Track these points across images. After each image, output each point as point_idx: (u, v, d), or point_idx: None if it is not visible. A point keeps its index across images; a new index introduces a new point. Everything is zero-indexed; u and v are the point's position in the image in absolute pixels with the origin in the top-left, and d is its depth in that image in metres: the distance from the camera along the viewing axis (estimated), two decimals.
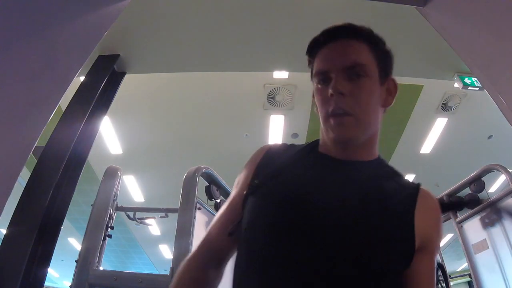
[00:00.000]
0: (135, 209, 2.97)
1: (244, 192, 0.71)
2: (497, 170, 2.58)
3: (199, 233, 2.19)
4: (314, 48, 0.74)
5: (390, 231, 0.61)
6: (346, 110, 0.66)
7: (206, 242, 0.75)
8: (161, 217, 3.02)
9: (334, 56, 0.70)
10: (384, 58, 0.74)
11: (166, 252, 9.05)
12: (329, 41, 0.72)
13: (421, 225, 0.63)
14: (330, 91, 0.67)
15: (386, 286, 0.59)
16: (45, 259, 1.76)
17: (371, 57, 0.71)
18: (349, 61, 0.69)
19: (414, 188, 0.69)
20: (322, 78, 0.71)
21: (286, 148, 0.79)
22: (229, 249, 0.72)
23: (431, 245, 0.65)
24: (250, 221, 0.66)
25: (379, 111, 0.73)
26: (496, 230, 2.49)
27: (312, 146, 0.77)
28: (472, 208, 2.72)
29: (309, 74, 0.77)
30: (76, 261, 2.08)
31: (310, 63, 0.76)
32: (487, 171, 2.66)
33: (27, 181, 1.83)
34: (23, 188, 1.80)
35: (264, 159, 0.76)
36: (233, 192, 0.78)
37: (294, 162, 0.72)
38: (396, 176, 0.73)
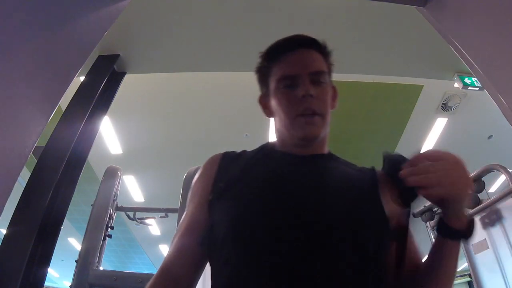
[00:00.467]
0: (135, 209, 2.98)
1: (210, 198, 0.70)
2: (497, 170, 2.58)
3: None
4: (275, 54, 0.80)
5: (370, 208, 0.67)
6: (315, 111, 0.74)
7: (163, 273, 0.68)
8: (161, 217, 3.03)
9: (301, 62, 0.78)
10: (331, 68, 0.84)
11: (166, 252, 9.04)
12: (292, 49, 0.79)
13: (387, 200, 0.69)
14: (301, 93, 0.73)
15: (375, 261, 0.62)
16: (45, 259, 1.76)
17: (326, 66, 0.81)
18: (315, 68, 0.77)
19: (372, 171, 0.76)
20: (290, 82, 0.76)
21: (240, 153, 0.82)
22: (193, 274, 0.68)
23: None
24: (234, 224, 0.64)
25: (330, 113, 0.81)
26: (496, 230, 2.49)
27: (269, 148, 0.83)
28: (472, 208, 2.72)
29: None
30: (76, 261, 2.08)
31: (263, 68, 0.82)
32: (487, 171, 2.66)
33: (27, 181, 1.83)
34: (23, 188, 1.80)
35: (222, 164, 0.78)
36: (191, 206, 0.75)
37: (258, 162, 0.76)
38: (350, 164, 0.81)
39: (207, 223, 0.68)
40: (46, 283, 1.82)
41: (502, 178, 4.67)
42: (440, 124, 4.78)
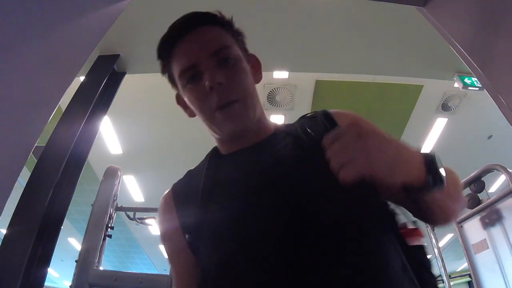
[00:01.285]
0: (135, 209, 2.97)
1: (187, 239, 0.65)
2: (497, 170, 2.58)
3: None
4: (166, 48, 0.68)
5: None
6: (231, 99, 0.62)
7: None
8: None
9: (196, 46, 0.64)
10: (239, 37, 0.71)
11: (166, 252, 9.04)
12: (182, 35, 0.66)
13: None
14: (208, 84, 0.61)
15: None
16: (45, 259, 1.76)
17: (230, 38, 0.68)
18: (213, 47, 0.64)
19: (327, 115, 0.66)
20: (191, 74, 0.64)
21: (187, 177, 0.74)
22: None
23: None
24: (212, 269, 0.59)
25: (255, 89, 0.69)
26: (496, 230, 2.49)
27: (212, 156, 0.73)
28: (472, 208, 2.72)
29: (307, 74, 0.73)
30: (76, 261, 2.08)
31: (166, 67, 0.70)
32: (487, 171, 2.66)
33: (27, 181, 1.83)
34: (23, 188, 1.80)
35: (177, 200, 0.70)
36: (173, 257, 0.71)
37: (204, 185, 0.66)
38: (306, 119, 0.69)
39: (196, 265, 0.62)
40: (46, 283, 1.82)
41: (502, 178, 4.67)
42: (440, 124, 4.78)
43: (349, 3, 2.53)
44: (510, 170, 2.48)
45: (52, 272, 10.90)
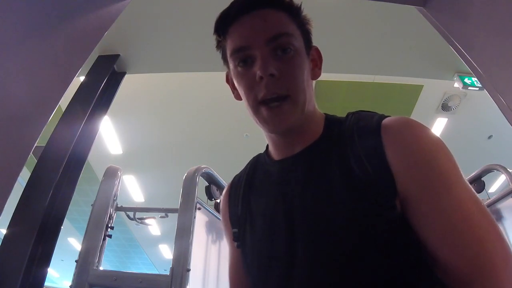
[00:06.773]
0: (135, 209, 2.97)
1: (234, 243, 0.73)
2: (497, 170, 2.58)
3: (199, 233, 2.19)
4: (224, 24, 0.62)
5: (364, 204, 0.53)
6: (281, 94, 0.57)
7: None
8: (161, 217, 3.02)
9: (253, 28, 0.59)
10: (305, 26, 0.65)
11: (166, 252, 9.06)
12: (242, 14, 0.60)
13: (398, 165, 0.53)
14: (258, 73, 0.56)
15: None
16: (45, 259, 1.76)
17: (294, 26, 0.62)
18: (272, 31, 0.58)
19: (375, 127, 0.57)
20: (242, 57, 0.59)
21: (240, 179, 0.75)
22: None
23: (423, 183, 0.52)
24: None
25: (311, 86, 0.64)
26: None
27: (259, 160, 0.75)
28: None
29: None
30: (76, 261, 2.08)
31: (220, 43, 0.66)
32: (487, 171, 2.66)
33: (27, 181, 1.83)
34: (23, 188, 1.80)
35: (230, 203, 0.75)
36: (228, 242, 0.77)
37: (252, 193, 0.71)
38: (352, 126, 0.61)
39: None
40: (46, 283, 1.82)
41: (502, 178, 4.67)
42: (440, 124, 4.78)
43: (349, 3, 2.53)
44: (510, 170, 2.48)
45: (52, 272, 10.91)
